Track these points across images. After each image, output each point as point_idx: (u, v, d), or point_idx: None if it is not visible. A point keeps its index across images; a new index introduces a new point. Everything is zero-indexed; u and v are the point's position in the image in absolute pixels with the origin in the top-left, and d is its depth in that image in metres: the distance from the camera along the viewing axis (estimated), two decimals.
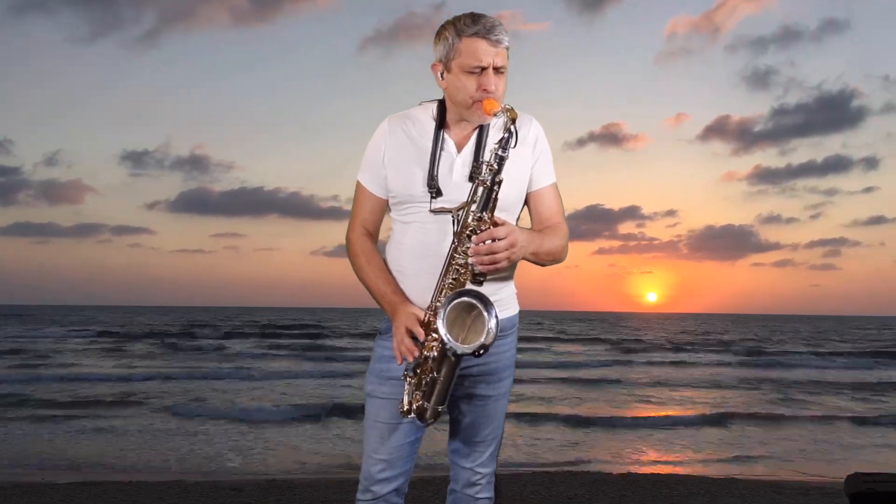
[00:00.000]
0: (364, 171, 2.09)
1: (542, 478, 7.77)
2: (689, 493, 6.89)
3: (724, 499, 6.62)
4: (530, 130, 2.05)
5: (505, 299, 2.08)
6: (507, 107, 1.87)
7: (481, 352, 1.79)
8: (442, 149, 2.00)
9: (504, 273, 1.98)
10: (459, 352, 1.79)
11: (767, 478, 8.51)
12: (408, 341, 1.88)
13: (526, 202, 2.08)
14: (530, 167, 2.05)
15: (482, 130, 1.95)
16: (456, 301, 1.80)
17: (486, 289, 2.00)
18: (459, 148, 2.01)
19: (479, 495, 2.14)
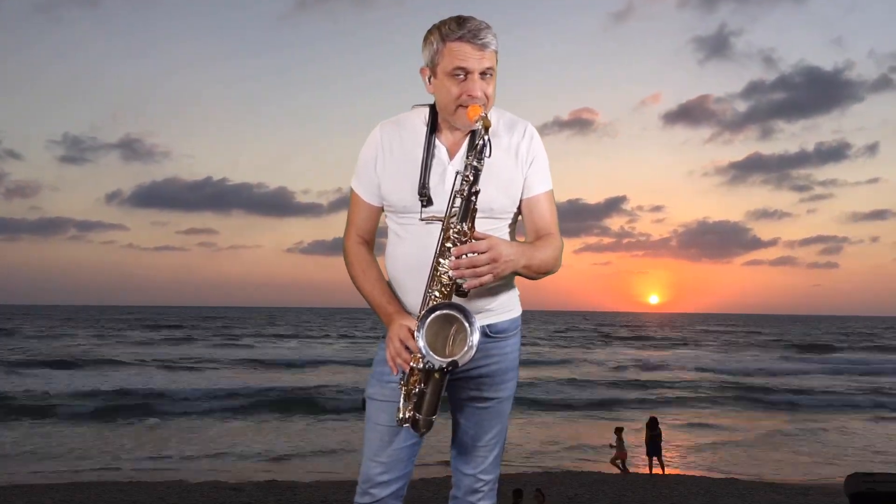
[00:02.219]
0: (357, 179, 2.08)
1: (542, 478, 7.77)
2: (689, 493, 6.89)
3: (724, 499, 6.62)
4: (523, 137, 2.00)
5: (505, 303, 2.06)
6: (483, 114, 1.83)
7: (450, 368, 1.75)
8: (433, 156, 1.96)
9: (502, 280, 1.95)
10: (437, 365, 1.76)
11: (767, 478, 8.51)
12: (404, 353, 1.88)
13: (520, 210, 2.06)
14: (522, 174, 1.99)
15: (474, 136, 1.87)
16: (435, 314, 1.77)
17: (483, 296, 1.98)
18: (451, 154, 1.97)
19: (481, 502, 2.11)
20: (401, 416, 1.90)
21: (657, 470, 8.47)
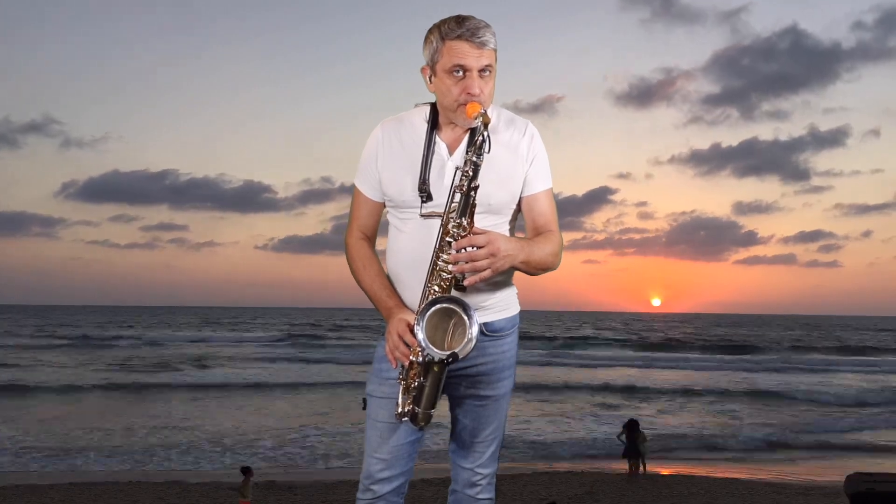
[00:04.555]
0: (360, 176, 2.12)
1: (542, 478, 7.78)
2: (689, 492, 6.90)
3: (724, 499, 6.63)
4: (523, 135, 2.04)
5: (502, 301, 2.08)
6: (482, 111, 1.87)
7: (450, 360, 1.79)
8: (433, 152, 2.00)
9: (499, 277, 1.97)
10: (437, 358, 1.79)
11: (767, 478, 8.51)
12: (402, 346, 1.89)
13: (520, 207, 2.08)
14: (522, 171, 2.03)
15: (473, 133, 1.90)
16: (434, 308, 1.80)
17: (480, 293, 2.00)
18: (451, 151, 2.01)
19: (479, 496, 2.14)
20: (400, 410, 1.91)
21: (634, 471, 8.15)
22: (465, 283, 1.82)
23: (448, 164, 1.98)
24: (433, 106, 2.05)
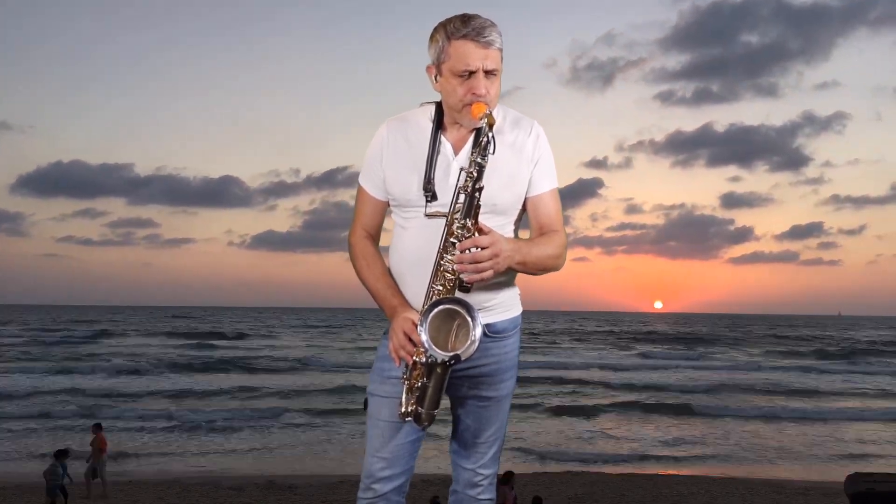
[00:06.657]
0: (364, 174, 2.11)
1: (542, 478, 7.78)
2: (689, 493, 6.90)
3: (723, 499, 6.63)
4: (529, 135, 2.03)
5: (504, 302, 2.08)
6: (487, 112, 1.85)
7: (452, 362, 1.79)
8: (438, 152, 1.99)
9: (501, 277, 1.97)
10: (440, 359, 1.79)
11: (767, 478, 8.52)
12: (408, 345, 1.89)
13: (526, 207, 2.08)
14: (527, 171, 2.02)
15: (479, 133, 1.89)
16: (438, 308, 1.80)
17: (482, 293, 1.99)
18: (456, 151, 1.99)
19: (480, 496, 2.13)
20: (403, 409, 1.91)
21: None
22: (467, 281, 1.82)
23: (453, 164, 1.98)
24: (438, 105, 2.05)
